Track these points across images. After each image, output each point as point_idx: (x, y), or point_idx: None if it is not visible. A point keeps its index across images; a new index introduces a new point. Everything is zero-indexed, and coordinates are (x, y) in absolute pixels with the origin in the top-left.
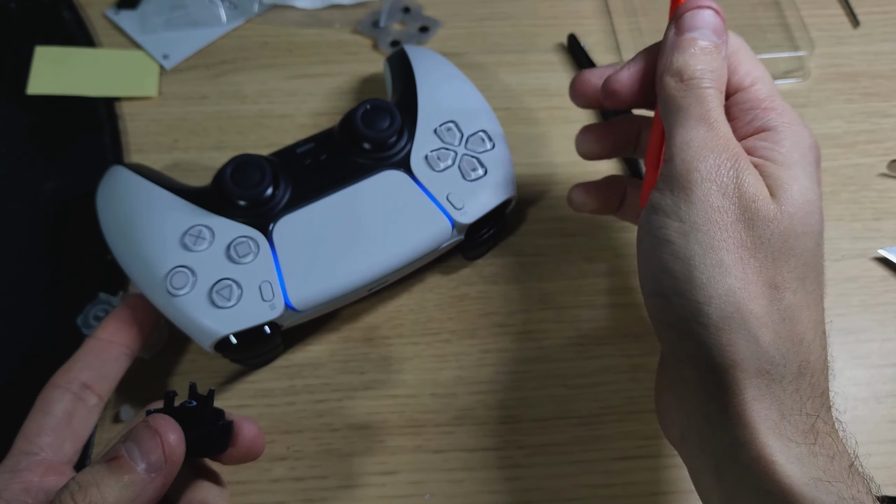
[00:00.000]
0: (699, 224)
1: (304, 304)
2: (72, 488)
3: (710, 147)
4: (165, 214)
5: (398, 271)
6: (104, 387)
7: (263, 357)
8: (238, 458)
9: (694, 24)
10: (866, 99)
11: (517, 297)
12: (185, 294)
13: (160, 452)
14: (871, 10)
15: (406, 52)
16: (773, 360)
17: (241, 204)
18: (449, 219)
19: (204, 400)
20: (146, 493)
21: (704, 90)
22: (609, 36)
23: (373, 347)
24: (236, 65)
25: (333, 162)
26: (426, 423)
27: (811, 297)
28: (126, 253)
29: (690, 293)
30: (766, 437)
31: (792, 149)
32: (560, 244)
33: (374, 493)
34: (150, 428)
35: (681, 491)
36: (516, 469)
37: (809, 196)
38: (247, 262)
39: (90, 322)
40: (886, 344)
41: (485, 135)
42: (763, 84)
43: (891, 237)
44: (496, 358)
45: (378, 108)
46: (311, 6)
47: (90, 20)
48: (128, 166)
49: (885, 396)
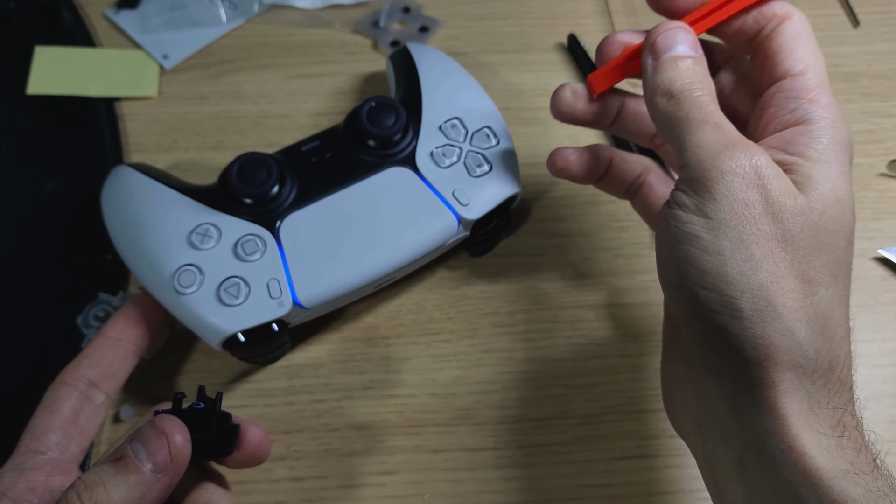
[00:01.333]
0: (726, 219)
1: (311, 302)
2: (78, 488)
3: (722, 144)
4: (172, 213)
5: (405, 267)
6: (111, 385)
7: (271, 355)
8: (243, 462)
9: (668, 44)
10: (866, 99)
11: (517, 297)
12: (192, 292)
13: (166, 453)
14: (871, 10)
15: (409, 49)
16: (806, 354)
17: (247, 202)
18: (455, 215)
19: (212, 402)
20: (152, 493)
21: (698, 97)
22: None
23: (373, 347)
24: (236, 65)
25: (339, 159)
26: (426, 423)
27: (843, 294)
28: (132, 252)
29: (721, 288)
30: (796, 429)
31: (829, 146)
32: (560, 244)
33: (374, 493)
34: (156, 428)
35: (681, 491)
36: (516, 469)
37: (840, 195)
38: (254, 260)
39: (90, 322)
40: (886, 344)
41: (489, 131)
42: (814, 74)
43: (891, 237)
44: (496, 358)
45: (383, 105)
46: (311, 6)
47: (90, 20)
48: (132, 166)
49: (885, 396)
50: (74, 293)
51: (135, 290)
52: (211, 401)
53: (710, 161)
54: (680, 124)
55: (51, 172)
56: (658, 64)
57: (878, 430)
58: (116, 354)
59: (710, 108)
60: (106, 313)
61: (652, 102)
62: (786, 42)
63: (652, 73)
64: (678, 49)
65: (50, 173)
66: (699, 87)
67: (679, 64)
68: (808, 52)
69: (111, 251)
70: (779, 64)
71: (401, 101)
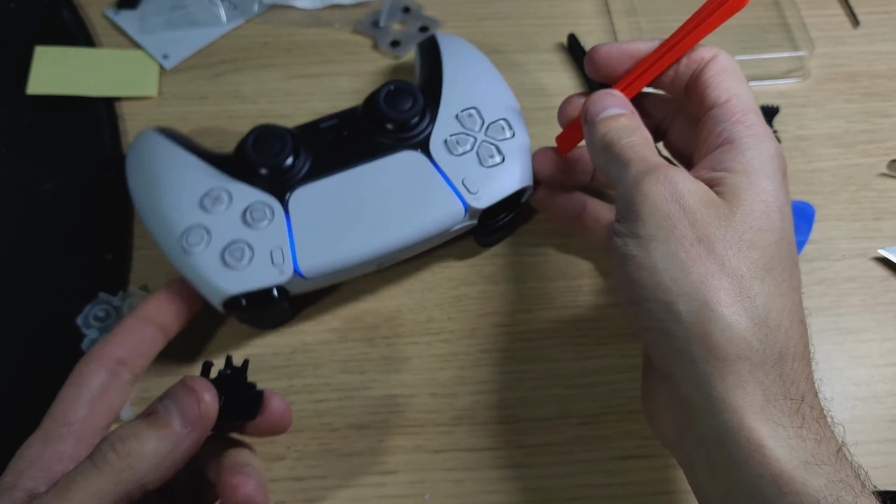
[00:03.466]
0: (654, 234)
1: (312, 272)
2: (111, 439)
3: (644, 171)
4: (188, 175)
5: (407, 249)
6: (139, 364)
7: (271, 320)
8: (266, 430)
9: (597, 109)
10: (866, 99)
11: (517, 297)
12: (199, 252)
13: (196, 409)
14: (871, 10)
15: (437, 38)
16: (751, 345)
17: (261, 172)
18: (462, 202)
19: (238, 370)
20: (181, 446)
21: (626, 143)
22: (609, 36)
23: (373, 347)
24: (236, 65)
25: (354, 139)
26: (426, 423)
27: (782, 287)
28: (148, 210)
29: (660, 296)
30: (752, 422)
31: (752, 158)
32: (560, 244)
33: (374, 493)
34: (186, 386)
35: (681, 491)
36: (516, 469)
37: (764, 197)
38: (261, 227)
39: (90, 322)
40: (886, 344)
41: (506, 123)
42: (738, 100)
43: (891, 237)
44: (496, 358)
45: (402, 89)
46: (311, 6)
47: (90, 20)
48: (159, 130)
49: (885, 396)
50: (74, 293)
51: (135, 290)
52: (237, 368)
53: (634, 188)
54: (615, 167)
55: (51, 172)
56: (591, 125)
57: (879, 430)
58: (145, 336)
59: (638, 148)
60: (106, 313)
61: (594, 158)
62: (712, 77)
63: (588, 135)
64: (608, 111)
65: (50, 173)
66: (627, 135)
67: (608, 122)
68: (733, 83)
69: (111, 251)
70: (707, 97)
71: (422, 87)
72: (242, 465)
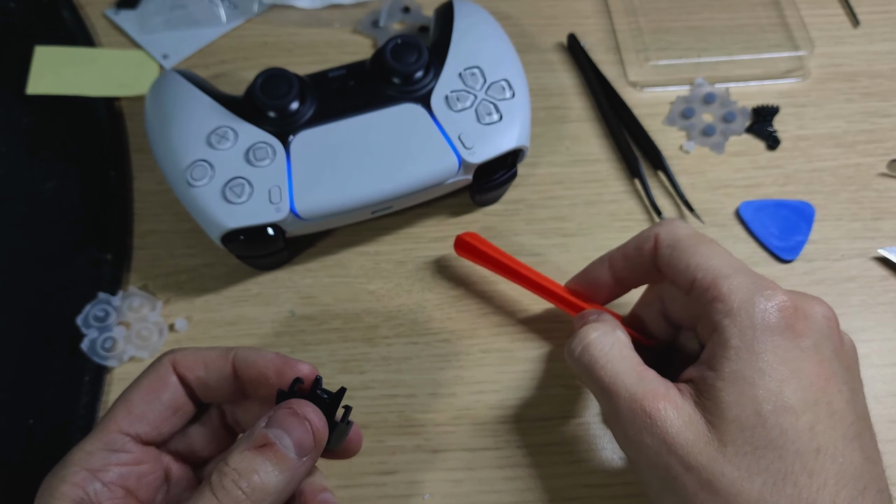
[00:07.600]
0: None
1: (307, 213)
2: (231, 476)
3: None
4: (198, 113)
5: (401, 198)
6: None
7: (267, 259)
8: (337, 454)
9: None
10: (866, 99)
11: (517, 297)
12: (202, 186)
13: (310, 439)
14: (871, 10)
15: (453, 3)
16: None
17: (268, 115)
18: (457, 157)
19: (334, 396)
20: (297, 477)
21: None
22: (609, 36)
23: (373, 347)
24: (236, 65)
25: (360, 89)
26: (426, 423)
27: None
28: (159, 144)
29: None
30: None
31: (737, 351)
32: (560, 244)
33: (374, 493)
34: (297, 415)
35: None
36: (516, 469)
37: (753, 398)
38: (262, 166)
39: (90, 322)
40: (886, 344)
41: (506, 84)
42: (701, 272)
43: (891, 237)
44: (496, 358)
45: (408, 43)
46: (311, 6)
47: (90, 20)
48: (180, 72)
49: (885, 396)
50: (74, 293)
51: (135, 290)
52: (333, 395)
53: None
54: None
55: (51, 172)
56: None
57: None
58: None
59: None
60: (105, 313)
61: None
62: (669, 259)
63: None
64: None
65: (50, 173)
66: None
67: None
68: (687, 256)
69: (111, 251)
70: (678, 281)
71: (432, 45)
72: (322, 490)
